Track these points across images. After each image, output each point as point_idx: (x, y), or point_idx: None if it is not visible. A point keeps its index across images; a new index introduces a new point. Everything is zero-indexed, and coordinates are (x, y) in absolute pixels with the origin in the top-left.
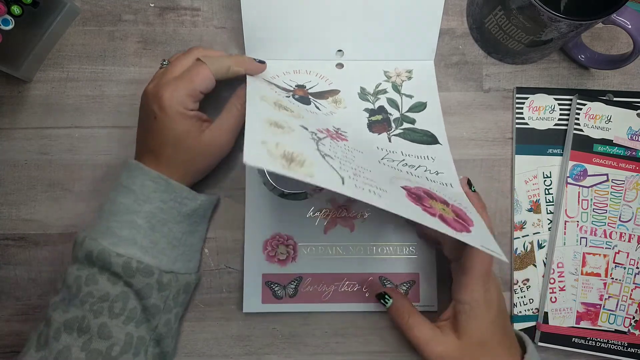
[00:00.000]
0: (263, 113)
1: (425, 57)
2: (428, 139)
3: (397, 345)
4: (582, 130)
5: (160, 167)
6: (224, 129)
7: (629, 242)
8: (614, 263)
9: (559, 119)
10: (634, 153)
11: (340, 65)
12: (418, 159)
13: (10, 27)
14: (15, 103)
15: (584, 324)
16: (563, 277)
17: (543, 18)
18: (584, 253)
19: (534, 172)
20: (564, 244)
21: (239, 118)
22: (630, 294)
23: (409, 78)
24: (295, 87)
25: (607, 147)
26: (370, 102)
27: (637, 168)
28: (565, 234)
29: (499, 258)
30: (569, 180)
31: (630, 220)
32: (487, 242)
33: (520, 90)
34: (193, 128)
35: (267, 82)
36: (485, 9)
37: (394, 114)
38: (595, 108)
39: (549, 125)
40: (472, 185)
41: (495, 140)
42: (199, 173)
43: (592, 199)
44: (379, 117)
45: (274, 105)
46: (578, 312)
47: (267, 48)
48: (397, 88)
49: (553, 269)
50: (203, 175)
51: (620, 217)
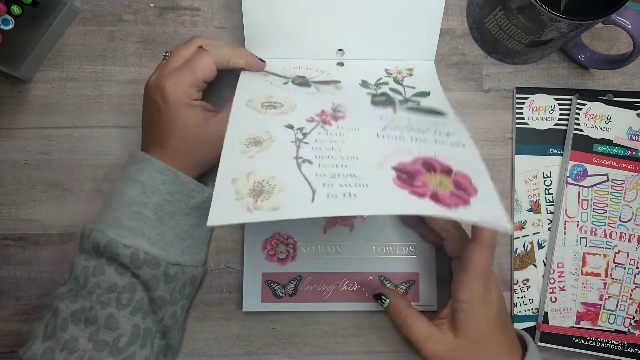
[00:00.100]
0: (243, 130)
1: (426, 57)
2: (437, 112)
3: (396, 345)
4: (582, 130)
5: (167, 158)
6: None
7: (629, 242)
8: (614, 263)
9: (559, 119)
10: (634, 153)
11: (341, 64)
12: (427, 123)
13: (10, 27)
14: (15, 103)
15: (584, 324)
16: (563, 277)
17: (543, 18)
18: (584, 253)
19: (534, 172)
20: (564, 244)
21: None
22: (630, 294)
23: (410, 75)
24: (297, 77)
25: (607, 147)
26: (373, 89)
27: (637, 168)
28: (565, 234)
29: (501, 228)
30: (569, 180)
31: (630, 220)
32: (489, 213)
33: (520, 90)
34: (198, 118)
35: (263, 74)
36: (485, 9)
37: (398, 98)
38: (595, 108)
39: (549, 125)
40: None
41: (495, 140)
42: (206, 164)
43: (592, 199)
44: (383, 97)
45: (261, 108)
46: (578, 312)
47: (267, 48)
48: (398, 81)
49: (553, 269)
50: (210, 166)
51: (620, 217)
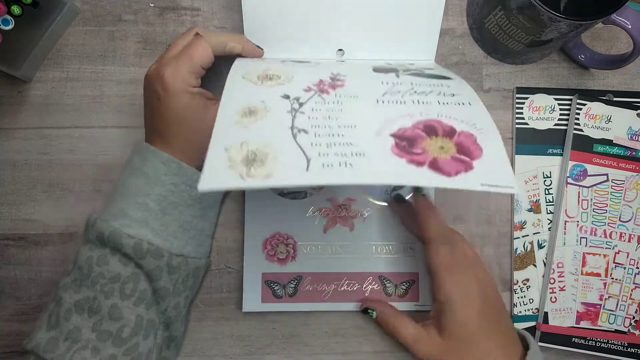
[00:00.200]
0: (238, 101)
1: (426, 56)
2: (442, 77)
3: (397, 345)
4: (582, 130)
5: (170, 149)
6: None
7: (629, 242)
8: (614, 263)
9: (559, 119)
10: (634, 153)
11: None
12: (430, 86)
13: (10, 27)
14: (15, 103)
15: (584, 324)
16: (563, 277)
17: (543, 18)
18: (584, 253)
19: (534, 172)
20: (564, 244)
21: None
22: (630, 294)
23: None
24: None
25: (607, 147)
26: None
27: (637, 168)
28: (565, 234)
29: (507, 191)
30: (569, 180)
31: (630, 220)
32: (492, 177)
33: (520, 90)
34: (198, 106)
35: (260, 59)
36: (485, 9)
37: (402, 67)
38: (595, 108)
39: (549, 125)
40: (421, 190)
41: None
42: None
43: (592, 199)
44: (386, 65)
45: (257, 80)
46: (578, 312)
47: (267, 48)
48: (399, 68)
49: (553, 269)
50: None
51: (620, 217)
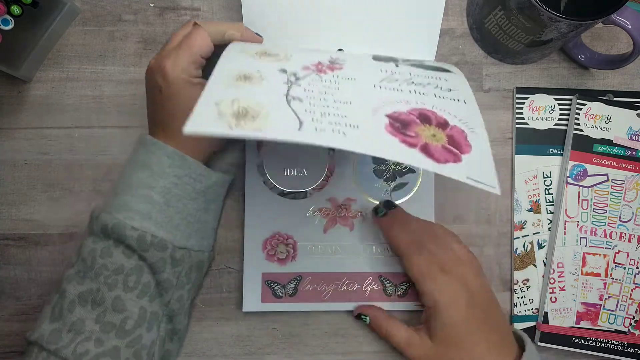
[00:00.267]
0: (234, 67)
1: (426, 56)
2: (441, 69)
3: None
4: (582, 130)
5: (173, 142)
6: None
7: (629, 242)
8: (614, 263)
9: (559, 119)
10: (634, 153)
11: None
12: (428, 78)
13: (10, 27)
14: (15, 103)
15: (584, 324)
16: (563, 277)
17: (543, 18)
18: (584, 253)
19: (534, 172)
20: (564, 244)
21: None
22: (630, 294)
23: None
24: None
25: (607, 147)
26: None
27: (637, 168)
28: (565, 234)
29: (489, 189)
30: (569, 180)
31: (630, 220)
32: (478, 173)
33: (520, 90)
34: (199, 96)
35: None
36: (485, 9)
37: (402, 58)
38: (595, 108)
39: (549, 125)
40: (381, 211)
41: (495, 140)
42: (211, 145)
43: (592, 199)
44: (385, 56)
45: (255, 55)
46: (578, 312)
47: None
48: (399, 58)
49: (553, 269)
50: (216, 149)
51: (620, 217)
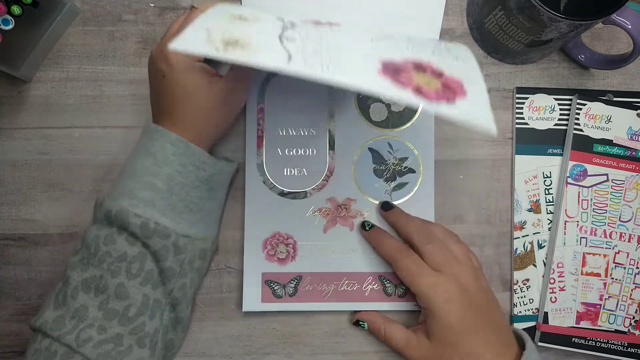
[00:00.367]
0: (229, 10)
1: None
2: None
3: None
4: (582, 130)
5: (176, 128)
6: (236, 80)
7: (629, 242)
8: (614, 263)
9: (559, 119)
10: (634, 153)
11: None
12: (427, 43)
13: (10, 27)
14: (15, 103)
15: (584, 324)
16: (563, 277)
17: (543, 18)
18: (584, 253)
19: (534, 172)
20: (564, 244)
21: (250, 70)
22: (630, 294)
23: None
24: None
25: (607, 147)
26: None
27: (637, 168)
28: (565, 234)
29: (485, 130)
30: (569, 180)
31: (630, 220)
32: (474, 112)
33: (520, 90)
34: (203, 81)
35: None
36: (485, 9)
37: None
38: (595, 108)
39: (549, 125)
40: (368, 224)
41: (495, 140)
42: (216, 131)
43: (592, 199)
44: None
45: (257, 10)
46: (578, 312)
47: None
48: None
49: (553, 269)
50: (220, 134)
51: (620, 217)
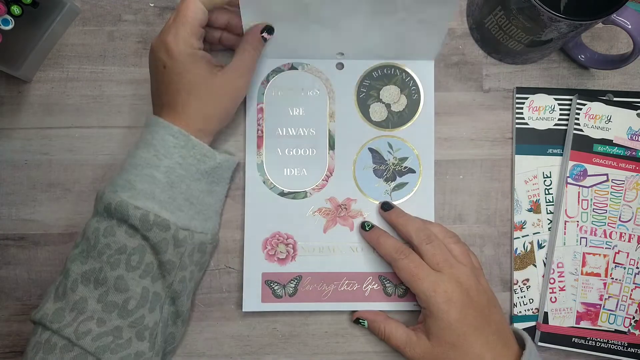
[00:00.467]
0: None
1: (428, 57)
2: None
3: None
4: (582, 130)
5: (178, 120)
6: (238, 70)
7: (629, 242)
8: (614, 263)
9: (559, 119)
10: (634, 153)
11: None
12: None
13: (10, 27)
14: (15, 103)
15: (584, 324)
16: (563, 277)
17: (543, 18)
18: (584, 253)
19: (534, 172)
20: (564, 244)
21: (252, 60)
22: (630, 294)
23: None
24: None
25: (607, 147)
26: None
27: (637, 168)
28: (565, 234)
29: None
30: (569, 180)
31: (630, 220)
32: None
33: (520, 90)
34: (204, 71)
35: None
36: (485, 9)
37: None
38: (595, 108)
39: (549, 125)
40: (368, 224)
41: (495, 140)
42: (217, 121)
43: (592, 199)
44: None
45: None
46: (578, 312)
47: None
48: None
49: (553, 269)
50: (221, 126)
51: (620, 217)
